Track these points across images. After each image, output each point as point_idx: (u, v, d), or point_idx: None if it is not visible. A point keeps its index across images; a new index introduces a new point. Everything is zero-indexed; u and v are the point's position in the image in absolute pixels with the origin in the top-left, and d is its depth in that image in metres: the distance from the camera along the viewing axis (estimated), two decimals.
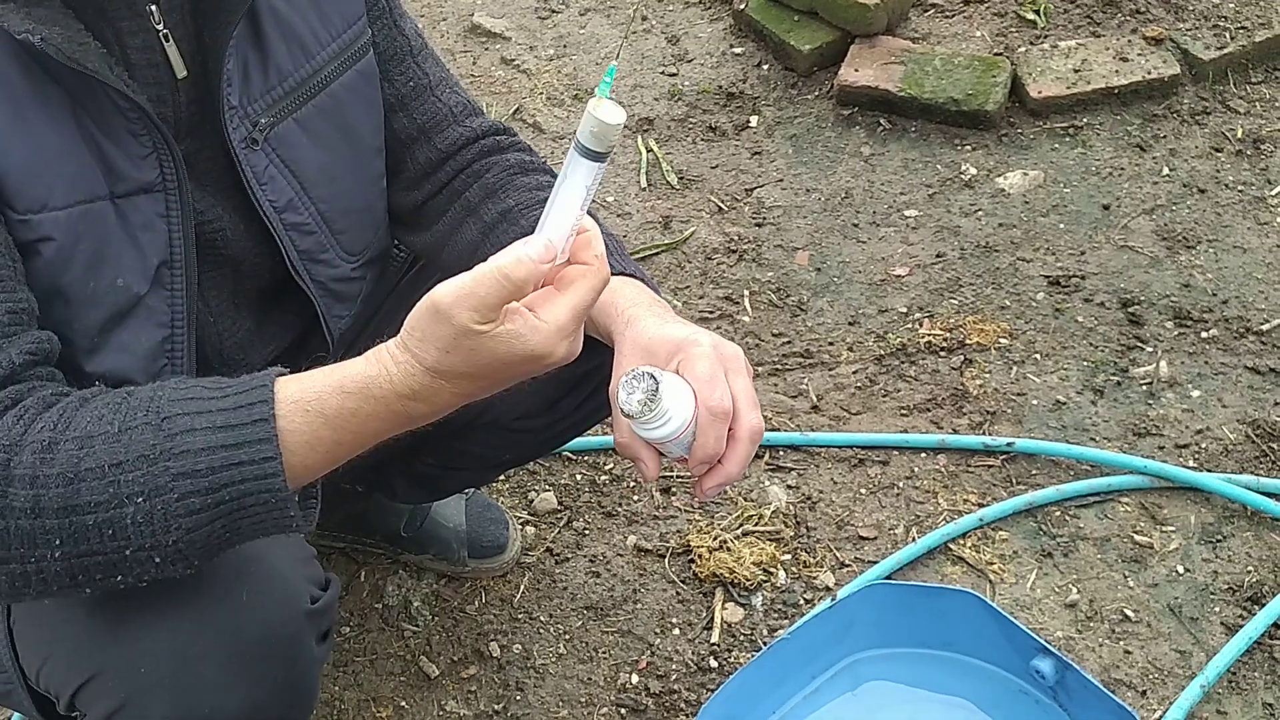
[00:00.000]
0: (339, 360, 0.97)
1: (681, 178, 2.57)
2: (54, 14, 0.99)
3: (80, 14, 1.01)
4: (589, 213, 0.96)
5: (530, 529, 1.88)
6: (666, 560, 1.83)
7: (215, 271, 1.20)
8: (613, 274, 1.18)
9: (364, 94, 1.25)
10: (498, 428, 1.45)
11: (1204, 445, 1.95)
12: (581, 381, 1.39)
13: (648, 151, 2.63)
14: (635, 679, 1.69)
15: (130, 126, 1.05)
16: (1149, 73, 2.60)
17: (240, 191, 1.16)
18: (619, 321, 1.12)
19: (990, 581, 1.78)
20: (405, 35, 1.31)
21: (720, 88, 2.78)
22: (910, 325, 2.19)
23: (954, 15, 2.85)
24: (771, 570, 1.80)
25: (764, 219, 2.45)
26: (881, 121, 2.64)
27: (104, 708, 1.04)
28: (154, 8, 1.06)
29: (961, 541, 1.83)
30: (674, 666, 1.70)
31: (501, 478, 1.95)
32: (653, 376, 0.99)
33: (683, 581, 1.81)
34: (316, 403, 0.94)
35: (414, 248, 1.42)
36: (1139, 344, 2.12)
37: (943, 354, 2.13)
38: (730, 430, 1.03)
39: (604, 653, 1.72)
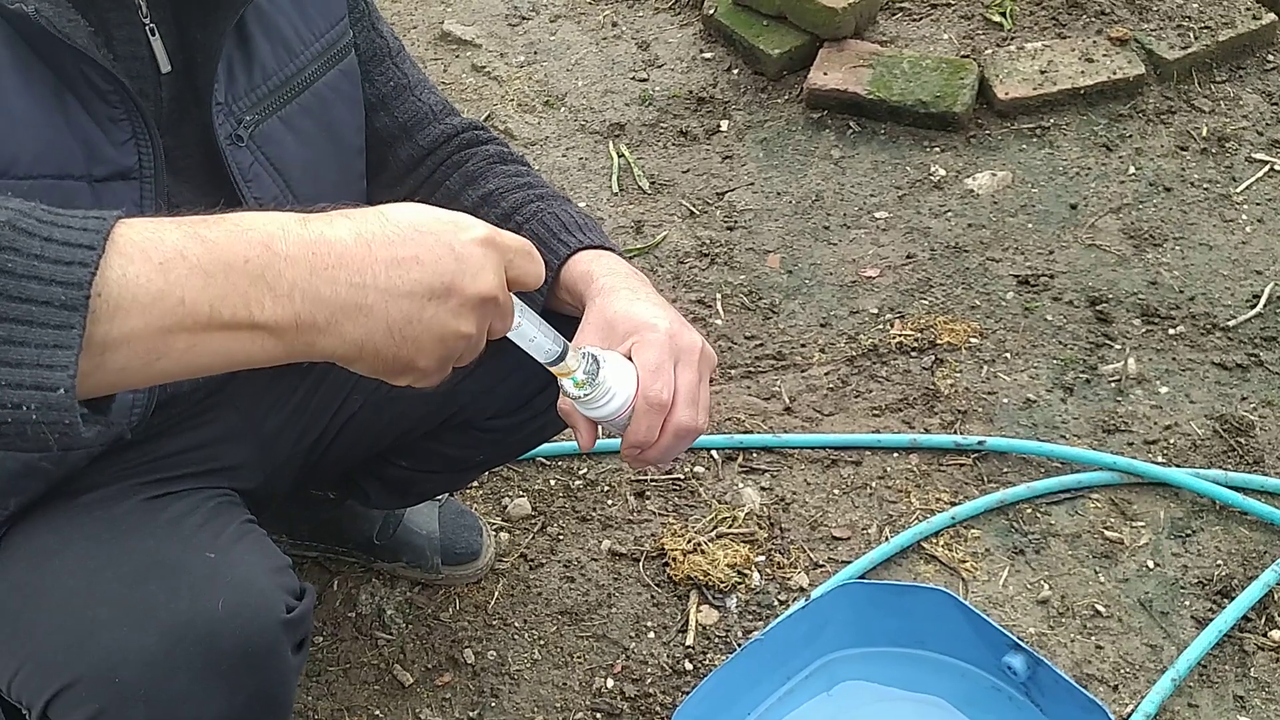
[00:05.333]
0: None
1: (653, 182, 2.57)
2: None
3: None
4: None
5: (504, 535, 1.88)
6: (641, 564, 1.83)
7: None
8: (589, 248, 1.21)
9: (347, 93, 1.26)
10: (470, 428, 1.45)
11: (1172, 441, 1.96)
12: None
13: (619, 156, 2.63)
14: (610, 683, 1.69)
15: (111, 111, 1.03)
16: (1114, 73, 2.62)
17: (219, 188, 1.16)
18: (593, 288, 1.14)
19: (963, 579, 1.79)
20: (384, 37, 1.33)
21: (690, 92, 2.78)
22: (881, 326, 2.20)
23: (921, 18, 2.87)
24: (746, 572, 1.80)
25: (735, 222, 2.46)
26: (851, 124, 2.65)
27: (78, 718, 1.03)
28: (142, 0, 1.06)
29: (934, 540, 1.83)
30: (649, 670, 1.70)
31: (475, 484, 1.95)
32: (595, 360, 0.99)
33: (657, 585, 1.81)
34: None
35: None
36: (1107, 341, 2.14)
37: (914, 354, 2.14)
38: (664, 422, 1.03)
39: (579, 657, 1.72)
